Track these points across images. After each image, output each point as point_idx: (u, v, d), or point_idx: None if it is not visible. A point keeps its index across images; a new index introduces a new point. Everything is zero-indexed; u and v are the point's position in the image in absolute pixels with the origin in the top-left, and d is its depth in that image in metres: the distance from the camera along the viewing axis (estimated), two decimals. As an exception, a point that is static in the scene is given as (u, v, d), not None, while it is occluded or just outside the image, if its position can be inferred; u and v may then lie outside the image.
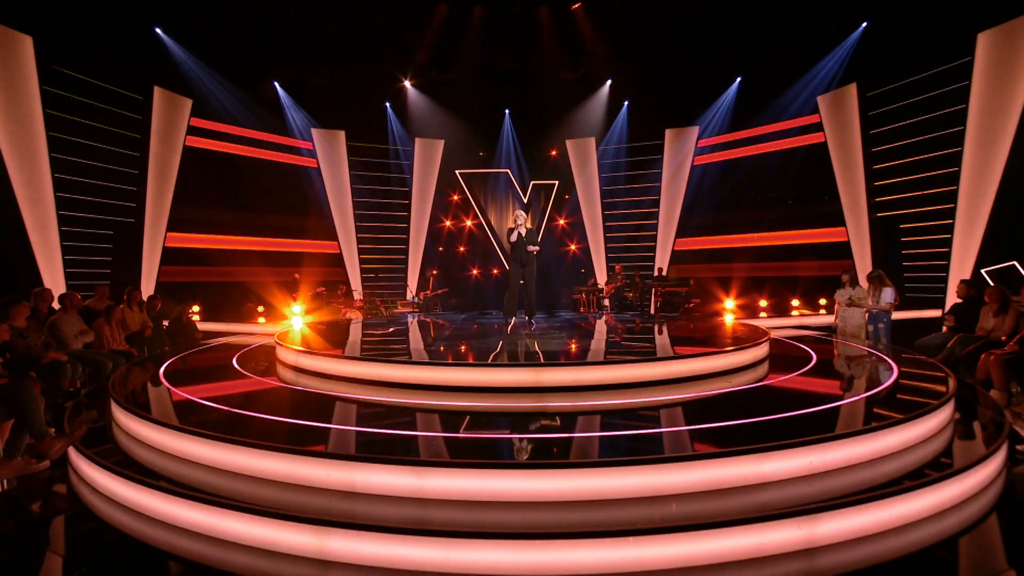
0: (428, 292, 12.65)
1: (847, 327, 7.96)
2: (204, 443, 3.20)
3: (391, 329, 8.30)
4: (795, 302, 11.44)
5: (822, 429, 3.15)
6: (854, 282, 8.08)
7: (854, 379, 5.03)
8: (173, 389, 4.53)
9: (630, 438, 3.37)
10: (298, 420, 3.66)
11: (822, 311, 10.85)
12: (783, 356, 5.95)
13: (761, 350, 5.50)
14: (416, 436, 3.46)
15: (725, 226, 13.15)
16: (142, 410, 3.71)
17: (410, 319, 10.89)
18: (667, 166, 13.72)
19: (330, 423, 3.70)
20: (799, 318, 10.39)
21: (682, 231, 13.70)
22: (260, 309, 11.45)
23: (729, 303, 11.75)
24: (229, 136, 11.84)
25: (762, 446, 2.86)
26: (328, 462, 2.89)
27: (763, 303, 11.50)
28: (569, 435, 3.47)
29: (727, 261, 13.08)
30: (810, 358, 5.65)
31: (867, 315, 7.63)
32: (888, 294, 7.23)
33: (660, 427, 3.69)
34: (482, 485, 2.73)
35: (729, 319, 10.30)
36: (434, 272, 12.93)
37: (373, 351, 5.96)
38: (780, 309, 11.35)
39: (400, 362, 4.82)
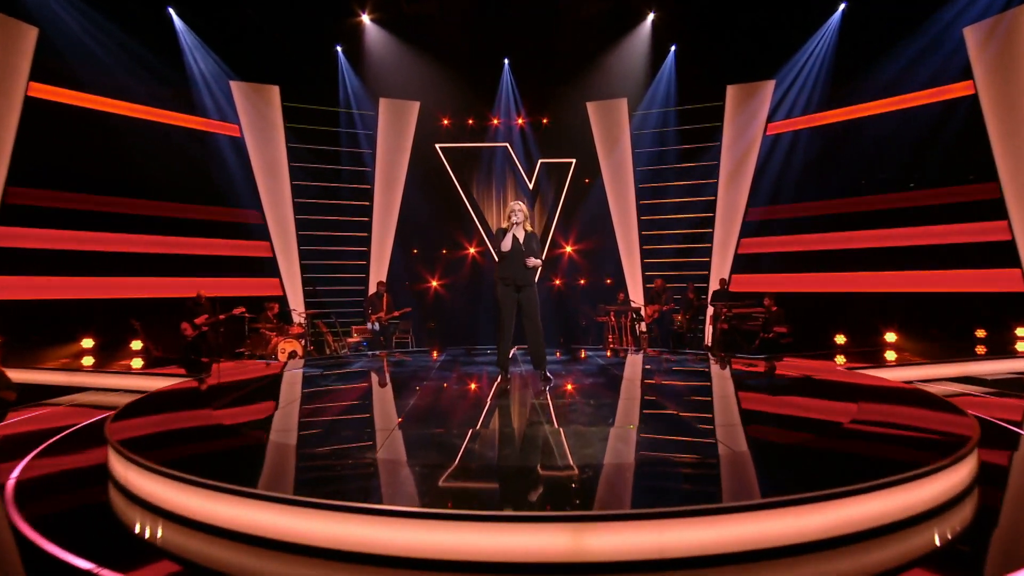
0: (383, 315, 9.93)
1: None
2: None
3: (321, 394, 5.53)
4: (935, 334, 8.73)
5: None
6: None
7: None
8: None
9: None
10: None
11: (979, 347, 8.15)
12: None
13: (969, 466, 2.81)
14: None
15: (813, 221, 10.50)
16: None
17: (368, 359, 8.24)
18: (729, 137, 11.20)
19: None
20: (952, 364, 7.54)
21: (750, 228, 11.14)
22: (136, 346, 8.70)
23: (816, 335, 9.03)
24: (97, 86, 9.08)
25: None
26: None
27: (889, 337, 8.76)
28: None
29: (817, 270, 10.47)
30: None
31: None
32: None
33: None
34: None
35: (839, 364, 7.54)
36: (383, 283, 10.29)
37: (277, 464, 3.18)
38: (916, 347, 8.57)
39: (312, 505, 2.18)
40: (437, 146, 12.00)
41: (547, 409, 4.23)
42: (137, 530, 2.64)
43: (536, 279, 5.13)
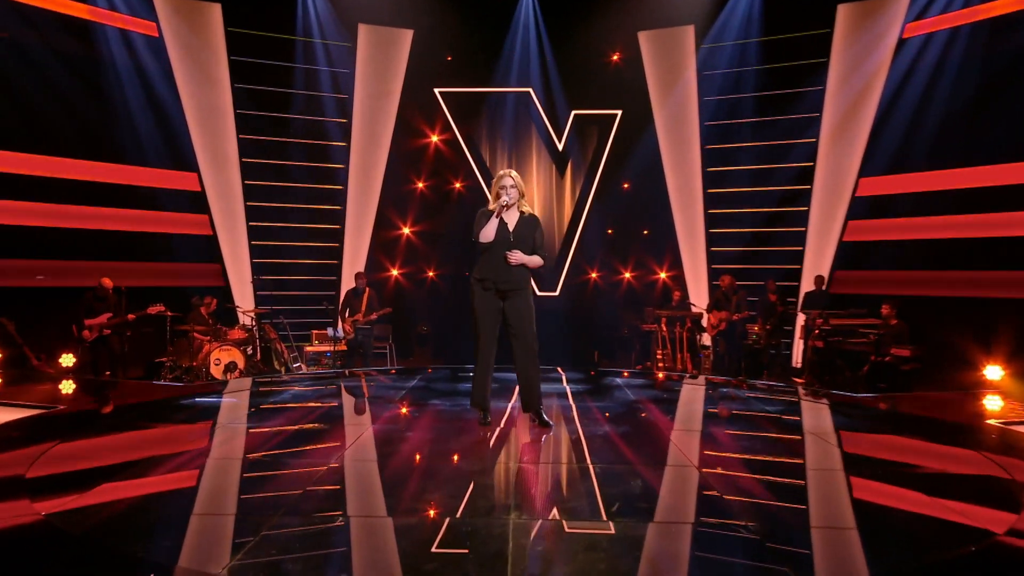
0: (360, 316, 7.97)
1: None
2: None
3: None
4: None
5: None
6: None
7: None
8: None
9: None
10: None
11: None
12: None
13: None
14: None
15: (959, 198, 8.12)
16: None
17: (318, 381, 6.37)
18: (838, 78, 8.98)
19: None
20: None
21: (863, 207, 8.91)
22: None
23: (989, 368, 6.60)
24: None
25: None
26: None
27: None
28: None
29: (961, 267, 8.13)
30: None
31: None
32: None
33: None
34: None
35: (994, 413, 5.15)
36: (362, 274, 8.47)
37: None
38: None
39: None
40: (436, 90, 10.15)
41: (540, 490, 2.81)
42: None
43: (529, 281, 4.15)
